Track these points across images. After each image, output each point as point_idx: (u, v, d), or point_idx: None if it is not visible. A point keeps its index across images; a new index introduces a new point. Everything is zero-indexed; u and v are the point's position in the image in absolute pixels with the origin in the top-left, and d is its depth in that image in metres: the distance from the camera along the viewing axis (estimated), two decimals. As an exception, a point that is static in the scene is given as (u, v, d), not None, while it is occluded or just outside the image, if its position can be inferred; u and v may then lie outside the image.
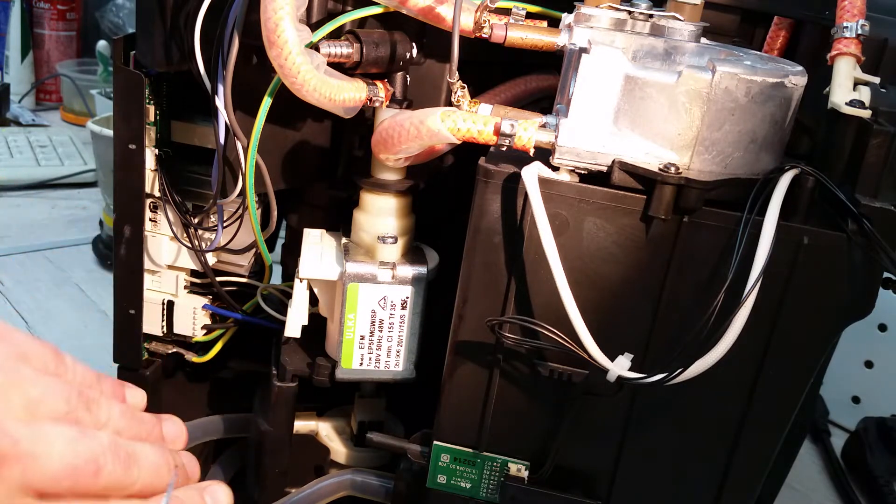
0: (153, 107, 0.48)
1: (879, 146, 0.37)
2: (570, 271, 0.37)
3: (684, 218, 0.38)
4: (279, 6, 0.38)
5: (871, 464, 0.72)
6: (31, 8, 1.50)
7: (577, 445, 0.42)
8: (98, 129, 0.96)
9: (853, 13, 0.40)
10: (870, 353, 0.80)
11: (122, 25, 1.53)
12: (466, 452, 0.43)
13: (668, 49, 0.40)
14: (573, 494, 0.42)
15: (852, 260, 0.37)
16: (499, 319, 0.39)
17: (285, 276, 0.56)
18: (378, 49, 0.43)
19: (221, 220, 0.49)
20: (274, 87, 0.43)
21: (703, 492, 0.43)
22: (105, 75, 1.39)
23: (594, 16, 0.41)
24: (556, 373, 0.40)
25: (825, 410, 0.81)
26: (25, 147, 1.22)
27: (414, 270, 0.45)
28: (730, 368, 0.36)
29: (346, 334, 0.45)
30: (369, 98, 0.44)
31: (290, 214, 0.55)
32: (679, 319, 0.39)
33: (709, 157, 0.37)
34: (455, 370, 0.42)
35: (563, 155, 0.38)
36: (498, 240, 0.39)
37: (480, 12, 0.41)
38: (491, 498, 0.44)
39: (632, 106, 0.37)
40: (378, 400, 0.53)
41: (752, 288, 0.35)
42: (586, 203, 0.38)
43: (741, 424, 0.41)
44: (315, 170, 0.51)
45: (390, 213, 0.46)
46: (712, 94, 0.36)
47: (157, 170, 0.49)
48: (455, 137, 0.38)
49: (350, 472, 0.50)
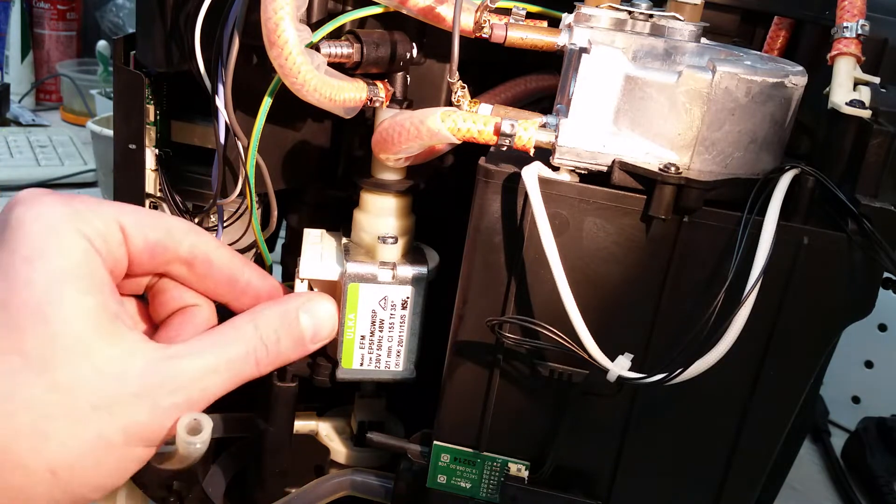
0: (153, 107, 0.48)
1: (879, 146, 0.37)
2: (570, 271, 0.37)
3: (684, 218, 0.38)
4: (279, 6, 0.38)
5: (871, 464, 0.72)
6: (31, 8, 1.50)
7: (578, 445, 0.42)
8: (98, 129, 0.96)
9: (853, 13, 0.40)
10: (870, 353, 0.80)
11: (122, 25, 1.53)
12: (466, 452, 0.43)
13: (668, 49, 0.40)
14: (573, 494, 0.42)
15: (852, 260, 0.37)
16: (499, 319, 0.39)
17: (285, 276, 0.56)
18: (378, 49, 0.43)
19: (221, 220, 0.49)
20: (274, 87, 0.43)
21: (703, 492, 0.43)
22: (105, 75, 1.39)
23: (594, 16, 0.41)
24: (556, 373, 0.40)
25: (825, 410, 0.81)
26: (25, 147, 1.22)
27: (414, 270, 0.45)
28: (730, 368, 0.36)
29: (346, 334, 0.45)
30: (369, 98, 0.44)
31: (290, 214, 0.55)
32: (679, 319, 0.39)
33: (709, 157, 0.37)
34: (455, 370, 0.42)
35: (563, 155, 0.38)
36: (498, 240, 0.39)
37: (480, 12, 0.41)
38: (491, 498, 0.44)
39: (632, 106, 0.37)
40: (378, 400, 0.53)
41: (752, 288, 0.35)
42: (586, 203, 0.38)
43: (741, 424, 0.41)
44: (315, 170, 0.51)
45: (390, 213, 0.46)
46: (712, 94, 0.36)
47: (157, 170, 0.49)
48: (455, 137, 0.38)
49: (350, 472, 0.50)
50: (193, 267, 0.38)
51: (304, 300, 0.39)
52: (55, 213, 0.32)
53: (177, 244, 0.37)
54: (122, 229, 0.34)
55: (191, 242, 0.37)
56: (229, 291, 0.40)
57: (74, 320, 0.31)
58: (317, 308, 0.39)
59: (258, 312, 0.37)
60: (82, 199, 0.33)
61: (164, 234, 0.36)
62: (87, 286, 0.31)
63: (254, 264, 0.41)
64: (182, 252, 0.37)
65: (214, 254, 0.38)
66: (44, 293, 0.30)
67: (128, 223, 0.34)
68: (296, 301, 0.39)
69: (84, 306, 0.31)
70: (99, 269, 0.32)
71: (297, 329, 0.38)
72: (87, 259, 0.32)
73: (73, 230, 0.32)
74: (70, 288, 0.31)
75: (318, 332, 0.40)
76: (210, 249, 0.38)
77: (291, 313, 0.38)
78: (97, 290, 0.32)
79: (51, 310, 0.30)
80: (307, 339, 0.39)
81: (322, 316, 0.40)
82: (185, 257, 0.38)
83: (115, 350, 0.31)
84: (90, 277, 0.32)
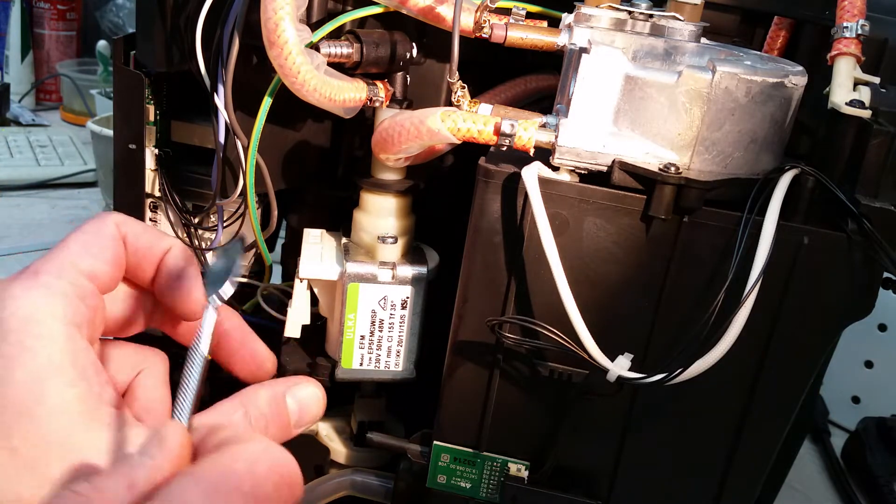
0: (153, 107, 0.48)
1: (879, 146, 0.37)
2: (570, 271, 0.37)
3: (684, 218, 0.38)
4: (279, 6, 0.38)
5: (871, 464, 0.72)
6: (31, 8, 1.50)
7: (578, 445, 0.42)
8: (98, 129, 0.96)
9: (853, 13, 0.40)
10: (870, 353, 0.80)
11: (122, 25, 1.53)
12: (466, 452, 0.43)
13: (668, 49, 0.40)
14: (573, 494, 0.42)
15: (852, 260, 0.37)
16: (499, 319, 0.39)
17: (285, 276, 0.56)
18: (378, 49, 0.43)
19: (221, 220, 0.49)
20: (274, 87, 0.43)
21: (703, 491, 0.43)
22: (105, 75, 1.39)
23: (594, 16, 0.41)
24: (556, 373, 0.40)
25: (825, 410, 0.81)
26: (25, 147, 1.22)
27: (414, 270, 0.45)
28: (730, 368, 0.36)
29: (346, 334, 0.45)
30: (369, 98, 0.44)
31: (290, 214, 0.55)
32: (679, 319, 0.39)
33: (709, 157, 0.37)
34: (455, 370, 0.42)
35: (563, 155, 0.38)
36: (498, 240, 0.39)
37: (480, 12, 0.41)
38: (491, 498, 0.44)
39: (632, 106, 0.37)
40: (378, 400, 0.53)
41: (752, 288, 0.35)
42: (586, 203, 0.38)
43: (741, 424, 0.41)
44: (315, 170, 0.51)
45: (390, 214, 0.46)
46: (712, 94, 0.36)
47: (157, 170, 0.49)
48: (455, 137, 0.38)
49: (350, 472, 0.50)
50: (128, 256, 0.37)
51: (292, 384, 0.37)
52: (29, 303, 0.32)
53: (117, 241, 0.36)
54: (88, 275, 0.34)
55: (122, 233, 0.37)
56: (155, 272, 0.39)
57: (61, 415, 0.31)
58: (302, 393, 0.37)
59: (247, 399, 0.36)
60: (45, 268, 0.33)
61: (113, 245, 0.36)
62: (70, 377, 0.32)
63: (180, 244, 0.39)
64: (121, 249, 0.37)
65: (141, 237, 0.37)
66: (28, 391, 0.30)
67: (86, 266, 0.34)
68: (283, 385, 0.37)
69: (69, 398, 0.31)
70: (81, 352, 0.32)
71: (285, 415, 0.36)
72: (68, 346, 0.32)
73: (49, 317, 0.32)
74: (54, 382, 0.31)
75: (303, 417, 0.38)
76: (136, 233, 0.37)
77: (280, 399, 0.36)
78: (80, 378, 0.32)
79: (36, 408, 0.30)
80: (291, 425, 0.37)
81: (308, 402, 0.38)
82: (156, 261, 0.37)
83: (104, 435, 0.32)
84: (73, 365, 0.32)
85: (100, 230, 0.36)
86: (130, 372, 0.39)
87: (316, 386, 0.39)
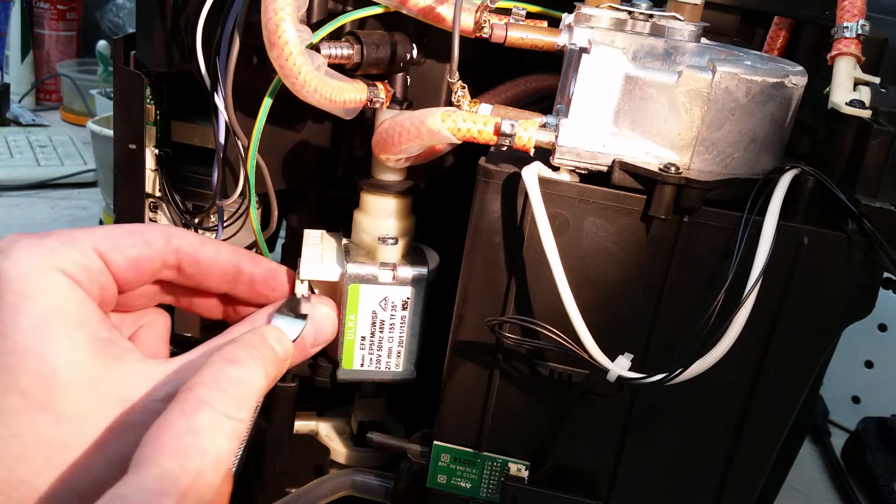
0: (153, 107, 0.48)
1: (879, 146, 0.37)
2: (570, 271, 0.37)
3: (684, 218, 0.38)
4: (280, 7, 0.38)
5: (871, 464, 0.72)
6: (31, 8, 1.50)
7: (578, 445, 0.42)
8: (98, 129, 0.95)
9: (853, 13, 0.40)
10: (870, 353, 0.80)
11: (122, 25, 1.53)
12: (466, 452, 0.43)
13: (668, 49, 0.40)
14: (573, 494, 0.42)
15: (852, 260, 0.37)
16: (499, 319, 0.39)
17: (285, 276, 0.56)
18: (378, 50, 0.43)
19: (221, 220, 0.49)
20: (274, 88, 0.43)
21: (703, 491, 0.43)
22: (105, 75, 1.39)
23: (594, 16, 0.41)
24: (556, 373, 0.40)
25: (825, 410, 0.81)
26: (25, 147, 1.22)
27: (415, 271, 0.45)
28: (730, 368, 0.36)
29: (346, 335, 0.45)
30: (370, 99, 0.44)
31: (290, 215, 0.55)
32: (679, 319, 0.39)
33: (709, 157, 0.37)
34: (455, 370, 0.42)
35: (564, 155, 0.38)
36: (498, 240, 0.39)
37: (480, 12, 0.41)
38: (491, 498, 0.44)
39: (632, 106, 0.37)
40: (378, 400, 0.53)
41: (752, 288, 0.35)
42: (586, 203, 0.38)
43: (741, 424, 0.41)
44: (315, 170, 0.51)
45: (391, 214, 0.46)
46: (712, 94, 0.36)
47: (157, 170, 0.49)
48: (455, 137, 0.38)
49: (350, 472, 0.50)
50: (182, 269, 0.38)
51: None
52: (31, 257, 0.32)
53: (158, 253, 0.37)
54: (101, 255, 0.34)
55: (173, 247, 0.37)
56: (226, 283, 0.40)
57: (70, 353, 0.31)
58: (317, 312, 0.40)
59: (262, 319, 0.38)
60: (56, 234, 0.33)
61: (143, 248, 0.36)
62: (75, 320, 0.32)
63: (244, 251, 0.41)
64: (167, 259, 0.37)
65: (200, 251, 0.38)
66: (35, 334, 0.30)
67: (104, 247, 0.34)
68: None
69: (77, 338, 0.31)
70: (84, 301, 0.33)
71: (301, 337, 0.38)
72: (70, 294, 0.32)
73: (51, 269, 0.32)
74: (59, 324, 0.31)
75: (319, 336, 0.40)
76: (194, 248, 0.38)
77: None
78: (86, 322, 0.32)
79: (45, 347, 0.30)
80: (308, 344, 0.39)
81: (322, 321, 0.40)
82: (170, 263, 0.38)
83: (116, 373, 0.32)
84: (77, 311, 0.32)
85: (137, 231, 0.37)
86: (132, 326, 0.39)
87: (330, 306, 0.41)
